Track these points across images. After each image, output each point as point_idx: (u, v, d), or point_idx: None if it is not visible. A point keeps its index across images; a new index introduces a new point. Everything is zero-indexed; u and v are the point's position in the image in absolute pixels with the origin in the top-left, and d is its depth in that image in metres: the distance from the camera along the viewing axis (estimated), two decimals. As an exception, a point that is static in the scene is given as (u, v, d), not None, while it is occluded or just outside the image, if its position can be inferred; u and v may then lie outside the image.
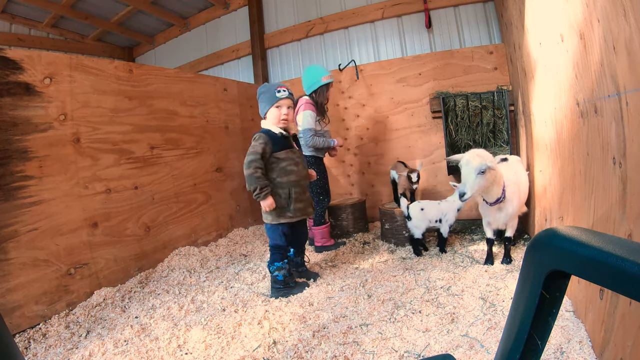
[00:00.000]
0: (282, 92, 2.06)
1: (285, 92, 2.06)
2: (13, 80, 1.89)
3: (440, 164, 3.31)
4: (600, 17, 1.12)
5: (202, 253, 2.83)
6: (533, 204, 2.39)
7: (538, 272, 0.44)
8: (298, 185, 2.07)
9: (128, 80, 2.54)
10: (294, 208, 2.05)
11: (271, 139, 2.02)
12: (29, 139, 1.95)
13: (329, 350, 1.48)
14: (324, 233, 2.80)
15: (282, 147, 2.05)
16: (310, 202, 2.16)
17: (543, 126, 2.03)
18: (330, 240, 2.84)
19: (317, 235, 2.80)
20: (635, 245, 0.36)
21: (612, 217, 1.16)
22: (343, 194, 3.80)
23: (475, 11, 3.54)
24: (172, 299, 2.10)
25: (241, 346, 1.58)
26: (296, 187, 2.06)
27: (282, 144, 2.06)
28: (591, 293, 1.35)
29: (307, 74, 2.76)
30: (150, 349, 1.59)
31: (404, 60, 3.45)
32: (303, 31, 4.28)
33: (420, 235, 2.48)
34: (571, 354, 1.29)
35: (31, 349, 1.66)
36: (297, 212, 2.06)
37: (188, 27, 5.19)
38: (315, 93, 2.72)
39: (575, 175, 1.53)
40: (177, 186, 2.87)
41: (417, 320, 1.65)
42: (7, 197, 1.84)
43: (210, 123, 3.27)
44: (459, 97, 3.03)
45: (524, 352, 0.46)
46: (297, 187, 2.07)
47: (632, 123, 0.99)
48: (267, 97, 2.07)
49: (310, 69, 2.78)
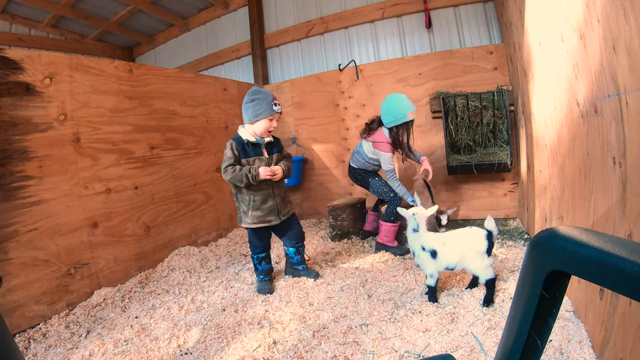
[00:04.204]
0: (279, 106, 2.08)
1: (280, 107, 2.10)
2: (13, 80, 1.89)
3: (440, 164, 3.31)
4: (600, 17, 1.12)
5: (202, 253, 2.83)
6: (533, 204, 2.39)
7: (538, 272, 0.44)
8: (259, 193, 2.09)
9: (128, 80, 2.54)
10: (251, 215, 2.11)
11: (239, 145, 2.07)
12: (29, 139, 1.95)
13: (329, 350, 1.48)
14: (389, 231, 2.64)
15: (250, 154, 2.08)
16: (272, 211, 2.14)
17: (543, 126, 2.03)
18: (394, 242, 2.67)
19: (382, 232, 2.67)
20: (635, 245, 0.36)
21: (612, 217, 1.16)
22: (343, 194, 3.80)
23: (475, 11, 3.54)
24: (172, 299, 2.10)
25: (241, 346, 1.58)
26: (257, 194, 2.09)
27: (250, 151, 2.09)
28: (591, 293, 1.35)
29: (391, 104, 2.49)
30: (150, 349, 1.59)
31: (404, 60, 3.45)
32: (303, 31, 4.28)
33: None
34: (571, 354, 1.29)
35: (31, 349, 1.66)
36: (254, 219, 2.11)
37: (188, 27, 5.19)
38: (395, 128, 2.51)
39: (575, 175, 1.53)
40: (177, 186, 2.87)
41: (417, 320, 1.65)
42: (7, 197, 1.84)
43: (210, 123, 3.27)
44: (459, 97, 3.03)
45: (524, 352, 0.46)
46: (258, 194, 2.09)
47: (632, 123, 1.00)
48: (262, 106, 2.04)
49: (395, 98, 2.50)
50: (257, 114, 2.05)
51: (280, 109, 2.09)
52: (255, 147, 2.11)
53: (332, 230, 3.07)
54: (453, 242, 1.79)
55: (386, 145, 2.54)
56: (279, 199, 2.17)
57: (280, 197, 2.18)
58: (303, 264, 2.34)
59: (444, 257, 1.78)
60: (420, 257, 1.83)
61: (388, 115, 2.52)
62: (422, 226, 1.88)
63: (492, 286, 1.72)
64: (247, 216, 2.12)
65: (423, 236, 1.85)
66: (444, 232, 1.95)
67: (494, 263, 1.77)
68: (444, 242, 1.80)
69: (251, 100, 2.07)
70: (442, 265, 1.79)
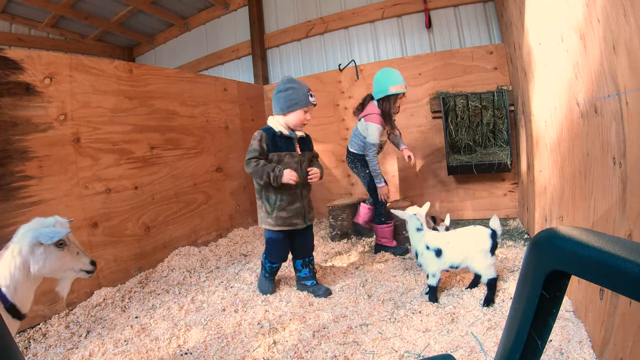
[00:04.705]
0: (314, 97, 1.93)
1: (315, 99, 1.95)
2: (13, 80, 1.89)
3: (440, 164, 3.31)
4: (600, 17, 1.12)
5: (202, 253, 2.83)
6: (533, 204, 2.39)
7: (538, 272, 0.44)
8: (287, 193, 1.94)
9: (128, 80, 2.54)
10: (275, 216, 1.94)
11: (269, 137, 1.91)
12: (29, 139, 1.95)
13: (329, 350, 1.48)
14: (385, 232, 2.64)
15: (282, 147, 1.94)
16: (299, 213, 1.98)
17: (543, 126, 2.03)
18: (392, 241, 2.67)
19: (378, 234, 2.67)
20: (635, 245, 0.36)
21: (612, 217, 1.16)
22: (343, 194, 3.79)
23: (475, 11, 3.54)
24: (172, 299, 2.10)
25: (241, 346, 1.58)
26: (284, 194, 1.94)
27: (282, 145, 1.94)
28: (591, 293, 1.35)
29: (378, 78, 2.56)
30: (150, 349, 1.59)
31: (404, 60, 3.45)
32: (303, 31, 4.28)
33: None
34: (571, 354, 1.29)
35: (31, 349, 1.66)
36: (278, 220, 1.94)
37: (188, 27, 5.19)
38: (381, 101, 2.54)
39: (575, 175, 1.53)
40: (177, 186, 2.87)
41: (417, 320, 1.65)
42: (7, 197, 1.84)
43: (210, 123, 3.27)
44: (459, 97, 3.03)
45: (524, 352, 0.46)
46: (286, 194, 1.93)
47: (632, 123, 0.99)
48: (298, 96, 1.89)
49: (383, 73, 2.55)
50: (292, 105, 1.89)
51: (315, 101, 1.94)
52: (287, 141, 1.94)
53: (332, 230, 3.07)
54: (458, 240, 1.80)
55: (376, 117, 2.54)
56: (305, 201, 2.01)
57: (307, 200, 2.03)
58: (312, 279, 2.10)
59: (449, 256, 1.78)
60: (424, 256, 1.83)
61: (375, 87, 2.57)
62: (425, 225, 1.88)
63: (493, 286, 1.73)
64: (270, 217, 1.95)
65: (427, 235, 1.85)
66: (448, 231, 1.95)
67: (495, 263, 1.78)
68: (448, 240, 1.81)
69: (285, 89, 1.91)
70: (446, 264, 1.79)
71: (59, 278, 1.26)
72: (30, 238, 1.13)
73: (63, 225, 1.23)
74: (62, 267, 1.22)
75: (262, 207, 1.99)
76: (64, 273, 1.25)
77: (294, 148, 1.97)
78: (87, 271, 1.29)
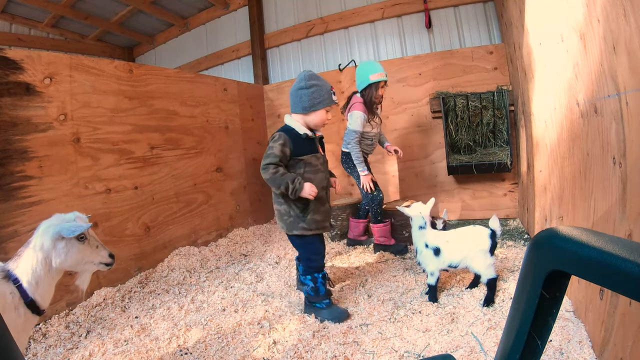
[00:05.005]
0: (336, 96, 1.86)
1: (337, 97, 1.86)
2: (13, 80, 1.89)
3: (440, 164, 3.31)
4: (600, 17, 1.12)
5: (202, 253, 2.83)
6: (533, 204, 2.39)
7: (538, 272, 0.44)
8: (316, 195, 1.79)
9: (128, 80, 2.54)
10: (309, 219, 1.79)
11: (292, 140, 1.76)
12: (29, 139, 1.95)
13: (329, 350, 1.48)
14: (382, 231, 2.64)
15: (306, 149, 1.80)
16: (329, 216, 1.90)
17: (543, 126, 2.03)
18: (391, 239, 2.67)
19: (375, 233, 2.67)
20: (635, 245, 0.36)
21: (612, 217, 1.16)
22: (343, 194, 3.79)
23: (475, 11, 3.54)
24: (172, 299, 2.10)
25: (241, 346, 1.58)
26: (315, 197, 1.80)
27: (305, 147, 1.80)
28: (591, 293, 1.35)
29: (358, 71, 2.64)
30: (150, 349, 1.59)
31: (404, 60, 3.45)
32: (303, 31, 4.28)
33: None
34: (571, 354, 1.29)
35: (31, 349, 1.65)
36: (312, 224, 1.80)
37: (188, 27, 5.20)
38: (364, 91, 2.60)
39: (575, 175, 1.53)
40: (177, 186, 2.87)
41: (417, 320, 1.65)
42: (7, 197, 1.84)
43: (210, 123, 3.27)
44: (459, 97, 3.03)
45: (524, 352, 0.46)
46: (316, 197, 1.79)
47: (632, 123, 0.99)
48: (322, 95, 1.79)
49: (362, 65, 2.65)
50: (315, 104, 1.77)
51: (337, 100, 1.86)
52: (309, 142, 1.81)
53: (332, 230, 3.07)
54: (457, 240, 1.80)
55: (359, 105, 2.60)
56: (328, 204, 1.91)
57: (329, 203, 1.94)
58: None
59: (447, 255, 1.78)
60: (423, 254, 1.84)
61: (358, 80, 2.65)
62: (429, 223, 1.89)
63: (493, 286, 1.73)
64: (303, 221, 1.79)
65: (428, 233, 1.86)
66: (448, 230, 1.96)
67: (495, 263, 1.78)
68: (447, 239, 1.81)
69: (309, 86, 1.79)
70: (444, 263, 1.79)
71: (79, 271, 1.29)
72: (52, 233, 1.16)
73: (83, 220, 1.28)
74: (83, 260, 1.25)
75: (290, 211, 1.80)
76: (84, 266, 1.27)
77: (317, 149, 1.85)
78: (106, 264, 1.32)
